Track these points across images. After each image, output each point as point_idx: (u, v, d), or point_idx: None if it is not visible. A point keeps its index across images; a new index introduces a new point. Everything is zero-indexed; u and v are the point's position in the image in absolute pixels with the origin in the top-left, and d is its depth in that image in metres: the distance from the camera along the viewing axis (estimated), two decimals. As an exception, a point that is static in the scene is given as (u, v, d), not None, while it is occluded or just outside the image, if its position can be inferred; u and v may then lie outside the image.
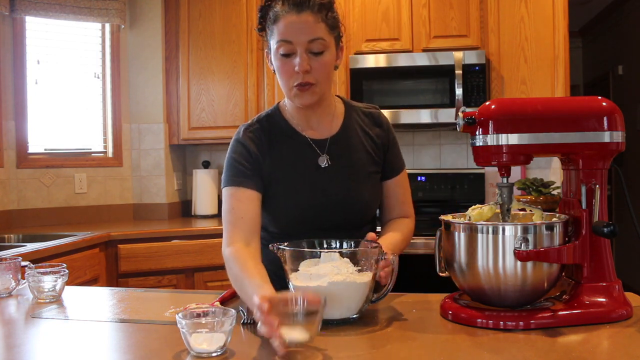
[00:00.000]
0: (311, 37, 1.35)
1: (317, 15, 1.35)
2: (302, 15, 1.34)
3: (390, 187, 1.57)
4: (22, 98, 3.28)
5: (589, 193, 1.19)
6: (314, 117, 1.50)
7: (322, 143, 1.49)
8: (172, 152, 3.73)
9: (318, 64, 1.37)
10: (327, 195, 1.46)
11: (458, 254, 1.19)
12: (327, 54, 1.38)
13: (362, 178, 1.50)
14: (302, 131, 1.50)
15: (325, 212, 1.46)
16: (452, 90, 3.23)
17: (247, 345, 1.09)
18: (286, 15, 1.35)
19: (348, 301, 1.16)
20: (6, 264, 1.48)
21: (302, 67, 1.35)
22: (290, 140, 1.49)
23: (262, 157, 1.46)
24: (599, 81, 6.49)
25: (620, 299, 1.18)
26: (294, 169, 1.47)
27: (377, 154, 1.53)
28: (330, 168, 1.47)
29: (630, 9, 5.54)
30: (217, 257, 3.04)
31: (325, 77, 1.40)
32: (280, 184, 1.46)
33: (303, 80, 1.36)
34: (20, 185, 3.28)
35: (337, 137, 1.51)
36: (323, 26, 1.36)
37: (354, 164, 1.50)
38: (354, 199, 1.48)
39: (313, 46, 1.35)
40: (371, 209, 1.54)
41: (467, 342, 1.06)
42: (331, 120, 1.52)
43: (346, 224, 1.48)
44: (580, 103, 1.23)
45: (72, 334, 1.18)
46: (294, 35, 1.35)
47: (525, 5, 3.29)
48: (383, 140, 1.55)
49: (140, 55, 3.63)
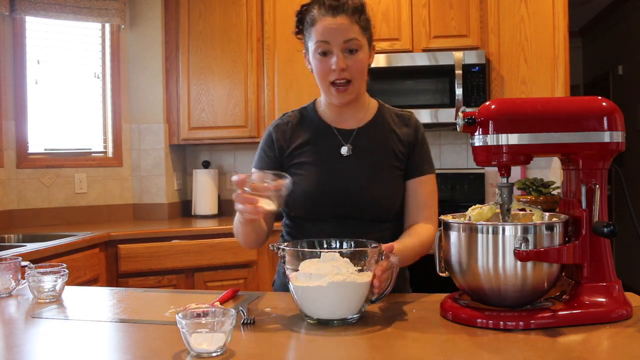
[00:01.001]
0: (346, 37, 1.46)
1: (351, 17, 1.47)
2: (337, 18, 1.47)
3: (412, 187, 1.57)
4: (22, 98, 3.28)
5: (589, 193, 1.19)
6: (346, 112, 1.59)
7: (348, 133, 1.58)
8: (172, 152, 3.73)
9: (353, 62, 1.48)
10: (345, 182, 1.52)
11: (458, 254, 1.19)
12: (361, 53, 1.49)
13: (382, 171, 1.54)
14: (330, 122, 1.60)
15: (343, 200, 1.51)
16: (452, 90, 3.23)
17: (247, 345, 1.09)
18: (323, 18, 1.48)
19: (348, 301, 1.16)
20: (6, 264, 1.48)
21: (339, 64, 1.46)
22: (316, 128, 1.60)
23: (286, 144, 1.59)
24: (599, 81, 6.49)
25: (620, 299, 1.18)
26: (317, 155, 1.56)
27: (401, 152, 1.57)
28: (352, 157, 1.55)
29: (630, 9, 5.54)
30: (217, 257, 3.05)
31: (359, 74, 1.50)
32: (302, 168, 1.55)
33: (339, 77, 1.48)
34: (20, 185, 3.29)
35: (363, 130, 1.58)
36: (357, 27, 1.48)
37: (375, 157, 1.55)
38: (370, 190, 1.51)
39: (348, 46, 1.47)
40: (390, 205, 1.55)
41: (467, 342, 1.06)
42: (362, 115, 1.60)
43: (363, 215, 1.52)
44: (580, 103, 1.23)
45: (72, 334, 1.18)
46: (330, 36, 1.46)
47: (525, 5, 3.29)
48: (409, 139, 1.59)
49: (140, 55, 3.63)
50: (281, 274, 1.68)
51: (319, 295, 1.15)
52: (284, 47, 3.51)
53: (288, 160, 1.57)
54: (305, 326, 1.17)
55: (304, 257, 1.19)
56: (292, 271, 1.19)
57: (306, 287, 1.16)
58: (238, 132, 3.56)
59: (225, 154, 3.95)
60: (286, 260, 1.20)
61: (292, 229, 1.61)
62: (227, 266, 3.08)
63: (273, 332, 1.15)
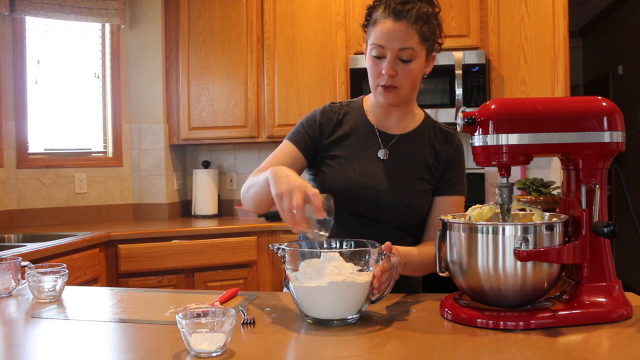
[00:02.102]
0: (402, 45, 1.44)
1: (412, 26, 1.44)
2: (398, 23, 1.44)
3: (440, 205, 1.57)
4: (22, 98, 3.28)
5: (589, 193, 1.19)
6: (392, 117, 1.59)
7: (389, 138, 1.58)
8: (172, 152, 3.73)
9: (404, 71, 1.47)
10: (372, 183, 1.52)
11: (458, 254, 1.19)
12: (414, 63, 1.47)
13: (412, 182, 1.54)
14: (375, 123, 1.60)
15: (368, 201, 1.52)
16: (452, 90, 3.23)
17: (247, 345, 1.09)
18: (384, 20, 1.45)
19: (348, 301, 1.16)
20: (6, 264, 1.48)
21: (388, 71, 1.45)
22: (360, 125, 1.59)
23: (327, 132, 1.59)
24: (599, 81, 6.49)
25: (620, 299, 1.18)
26: (353, 152, 1.56)
27: (436, 167, 1.57)
28: (386, 162, 1.55)
29: (630, 9, 5.54)
30: (217, 257, 3.05)
31: (409, 83, 1.49)
32: (337, 160, 1.56)
33: (387, 82, 1.47)
34: (20, 185, 3.29)
35: (404, 138, 1.58)
36: (416, 37, 1.45)
37: (408, 166, 1.55)
38: (395, 195, 1.52)
39: (402, 54, 1.45)
40: (411, 213, 1.54)
41: (467, 342, 1.06)
42: (406, 123, 1.60)
43: (384, 219, 1.52)
44: (580, 103, 1.23)
45: (72, 334, 1.18)
46: (386, 41, 1.45)
47: (525, 5, 3.29)
48: (447, 156, 1.58)
49: (140, 55, 3.63)
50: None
51: (319, 295, 1.15)
52: (284, 47, 3.51)
53: (324, 149, 1.58)
54: (305, 326, 1.17)
55: (304, 257, 1.19)
56: (292, 271, 1.19)
57: (306, 287, 1.16)
58: (238, 132, 3.56)
59: (225, 154, 3.95)
60: (286, 260, 1.20)
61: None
62: (227, 266, 3.08)
63: (273, 332, 1.15)
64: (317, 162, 1.59)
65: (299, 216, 1.18)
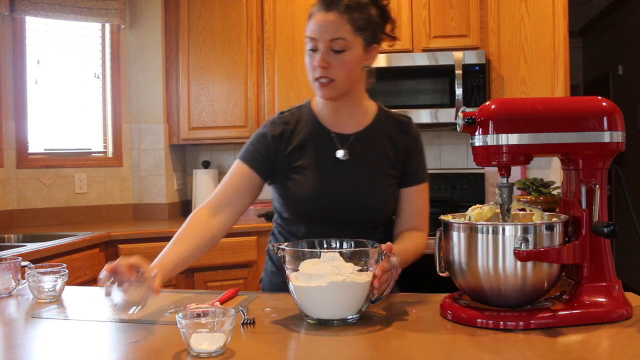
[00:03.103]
0: (332, 36, 1.42)
1: (343, 15, 1.42)
2: (328, 14, 1.43)
3: (407, 195, 1.57)
4: (22, 98, 3.28)
5: (589, 193, 1.19)
6: (342, 112, 1.56)
7: (345, 137, 1.55)
8: (172, 152, 3.73)
9: (337, 62, 1.44)
10: (340, 187, 1.50)
11: (458, 254, 1.19)
12: (348, 54, 1.44)
13: (377, 178, 1.53)
14: (328, 124, 1.56)
15: (338, 205, 1.50)
16: (452, 90, 3.23)
17: (247, 345, 1.09)
18: (317, 13, 1.45)
19: (348, 301, 1.16)
20: (6, 264, 1.48)
21: (320, 62, 1.43)
22: (314, 130, 1.56)
23: (281, 142, 1.54)
24: (599, 81, 6.49)
25: (620, 299, 1.18)
26: (313, 159, 1.53)
27: (397, 159, 1.56)
28: (348, 162, 1.53)
29: (630, 9, 5.54)
30: (217, 257, 3.05)
31: (344, 74, 1.46)
32: (299, 172, 1.52)
33: (321, 75, 1.45)
34: (20, 185, 3.29)
35: (361, 135, 1.55)
36: (348, 27, 1.43)
37: (371, 163, 1.53)
38: (366, 195, 1.51)
39: (334, 44, 1.43)
40: (384, 211, 1.55)
41: (467, 342, 1.06)
42: (359, 119, 1.57)
43: (357, 220, 1.51)
44: (580, 103, 1.23)
45: (72, 334, 1.18)
46: (318, 33, 1.44)
47: (525, 5, 3.29)
48: (406, 147, 1.57)
49: (140, 55, 3.63)
50: (269, 272, 1.67)
51: (319, 295, 1.15)
52: (284, 47, 3.51)
53: (283, 163, 1.54)
54: (305, 326, 1.17)
55: (304, 257, 1.19)
56: (292, 271, 1.19)
57: (306, 287, 1.16)
58: (238, 132, 3.56)
59: (225, 154, 3.95)
60: (286, 260, 1.20)
61: (283, 229, 1.60)
62: (227, 266, 3.08)
63: (273, 332, 1.15)
64: (279, 177, 1.55)
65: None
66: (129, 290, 1.15)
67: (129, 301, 1.16)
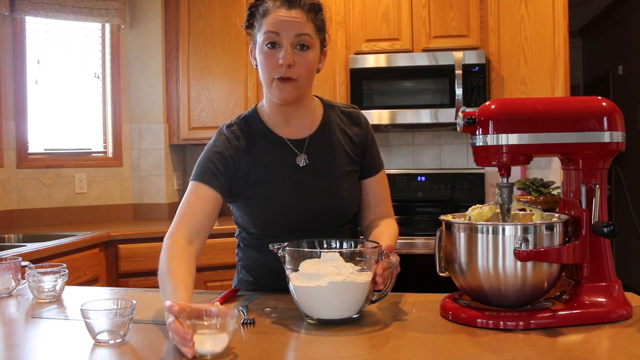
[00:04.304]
0: (299, 31, 1.38)
1: (307, 14, 1.40)
2: (292, 10, 1.39)
3: (369, 186, 1.57)
4: (22, 98, 3.28)
5: (589, 193, 1.19)
6: (293, 117, 1.51)
7: (301, 142, 1.50)
8: (172, 152, 3.73)
9: (302, 60, 1.39)
10: (306, 194, 1.47)
11: (458, 254, 1.19)
12: (311, 52, 1.41)
13: (340, 176, 1.50)
14: (280, 131, 1.51)
15: (305, 212, 1.47)
16: (452, 90, 3.23)
17: (247, 345, 1.09)
18: (277, 9, 1.39)
19: (348, 301, 1.16)
20: (6, 264, 1.48)
21: (286, 59, 1.37)
22: (268, 141, 1.50)
23: (238, 159, 1.46)
24: (599, 81, 6.49)
25: (620, 299, 1.18)
26: (272, 170, 1.47)
27: (355, 153, 1.54)
28: (309, 167, 1.49)
29: (630, 9, 5.54)
30: (217, 257, 3.05)
31: (306, 74, 1.42)
32: (259, 185, 1.47)
33: (285, 74, 1.39)
34: (20, 185, 3.29)
35: (315, 137, 1.51)
36: (311, 25, 1.41)
37: (332, 163, 1.50)
38: (333, 197, 1.49)
39: (300, 40, 1.39)
40: (350, 208, 1.54)
41: (467, 342, 1.06)
42: (310, 120, 1.53)
43: (326, 223, 1.49)
44: (580, 103, 1.23)
45: (72, 334, 1.18)
46: (282, 27, 1.38)
47: (525, 5, 3.29)
48: (361, 139, 1.55)
49: (140, 55, 3.63)
50: (239, 269, 1.63)
51: (319, 295, 1.15)
52: (284, 47, 3.50)
53: (241, 179, 1.46)
54: (305, 326, 1.17)
55: (304, 257, 1.19)
56: (292, 271, 1.19)
57: (306, 287, 1.16)
58: (238, 132, 3.56)
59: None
60: (286, 260, 1.20)
61: (249, 242, 1.56)
62: (227, 266, 3.08)
63: (273, 332, 1.15)
64: (238, 194, 1.48)
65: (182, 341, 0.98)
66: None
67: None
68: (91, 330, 1.08)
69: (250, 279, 1.60)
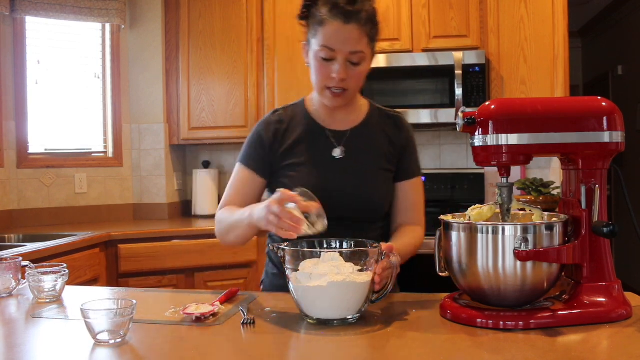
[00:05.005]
0: (353, 49, 1.42)
1: (362, 28, 1.41)
2: (348, 26, 1.40)
3: (402, 190, 1.58)
4: (22, 98, 3.28)
5: (589, 193, 1.19)
6: (339, 112, 1.57)
7: (341, 135, 1.55)
8: (172, 152, 3.73)
9: (354, 74, 1.45)
10: (337, 185, 1.50)
11: (458, 254, 1.19)
12: (363, 65, 1.46)
13: (373, 174, 1.54)
14: (323, 122, 1.57)
15: (335, 202, 1.48)
16: (452, 90, 3.23)
17: (247, 345, 1.09)
18: (333, 22, 1.40)
19: (348, 301, 1.17)
20: (6, 264, 1.48)
21: (339, 74, 1.42)
22: (309, 129, 1.56)
23: (277, 144, 1.55)
24: (599, 81, 6.49)
25: (620, 299, 1.19)
26: (308, 157, 1.53)
27: (392, 154, 1.57)
28: (344, 160, 1.53)
29: (630, 9, 5.54)
30: (217, 257, 3.05)
31: (356, 84, 1.49)
32: (294, 170, 1.52)
33: (338, 85, 1.44)
34: (21, 185, 3.29)
35: (356, 132, 1.56)
36: (366, 39, 1.43)
37: (367, 159, 1.54)
38: (363, 192, 1.51)
39: (353, 57, 1.43)
40: (380, 207, 1.55)
41: (467, 342, 1.07)
42: (354, 117, 1.58)
43: (354, 217, 1.51)
44: (580, 103, 1.23)
45: (72, 334, 1.18)
46: (337, 44, 1.41)
47: (525, 6, 3.29)
48: (401, 142, 1.58)
49: (140, 56, 3.63)
50: (270, 274, 1.68)
51: (319, 295, 1.15)
52: (284, 47, 3.51)
53: (279, 161, 1.55)
54: (305, 326, 1.18)
55: (304, 257, 1.19)
56: (292, 271, 1.19)
57: (306, 287, 1.16)
58: (238, 132, 3.56)
59: (225, 154, 3.95)
60: (286, 260, 1.20)
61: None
62: (227, 266, 3.08)
63: (273, 332, 1.15)
64: (274, 177, 1.56)
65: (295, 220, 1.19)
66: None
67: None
68: (91, 330, 1.08)
69: (275, 272, 1.65)
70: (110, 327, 1.08)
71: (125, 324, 1.09)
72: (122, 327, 1.09)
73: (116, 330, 1.08)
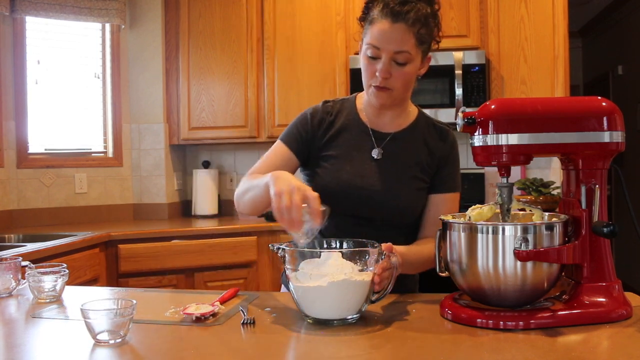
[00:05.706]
0: (398, 48, 1.42)
1: (410, 28, 1.42)
2: (395, 25, 1.41)
3: (434, 202, 1.56)
4: (22, 98, 3.28)
5: (589, 193, 1.19)
6: (386, 115, 1.58)
7: (382, 137, 1.57)
8: (172, 152, 3.73)
9: (398, 73, 1.45)
10: (367, 184, 1.51)
11: (458, 254, 1.19)
12: (409, 66, 1.46)
13: (406, 180, 1.53)
14: (368, 121, 1.58)
15: (363, 200, 1.51)
16: (452, 90, 3.23)
17: (247, 345, 1.09)
18: (381, 21, 1.42)
19: (348, 301, 1.16)
20: (6, 264, 1.48)
21: (382, 73, 1.44)
22: (354, 125, 1.58)
23: (320, 133, 1.57)
24: (599, 81, 6.49)
25: (620, 299, 1.18)
26: (347, 151, 1.55)
27: (430, 165, 1.56)
28: (381, 161, 1.54)
29: (630, 9, 5.54)
30: (217, 257, 3.05)
31: (402, 85, 1.48)
32: (330, 160, 1.54)
33: (381, 84, 1.46)
34: (21, 185, 3.29)
35: (398, 136, 1.57)
36: (412, 41, 1.43)
37: (403, 165, 1.54)
38: (391, 196, 1.51)
39: (397, 57, 1.43)
40: (407, 212, 1.54)
41: (467, 342, 1.07)
42: (400, 121, 1.59)
43: (380, 218, 1.51)
44: (580, 103, 1.23)
45: (72, 334, 1.18)
46: (382, 42, 1.42)
47: (525, 6, 3.29)
48: (442, 154, 1.57)
49: (140, 56, 3.63)
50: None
51: (319, 295, 1.15)
52: (284, 47, 3.51)
53: (317, 150, 1.56)
54: (305, 326, 1.17)
55: (304, 257, 1.19)
56: (292, 271, 1.19)
57: (306, 287, 1.16)
58: (238, 132, 3.56)
59: (225, 154, 3.95)
60: (286, 260, 1.20)
61: None
62: (227, 266, 3.08)
63: (273, 332, 1.15)
64: (311, 163, 1.58)
65: (296, 216, 1.18)
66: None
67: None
68: (91, 330, 1.08)
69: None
70: (110, 327, 1.08)
71: (125, 324, 1.09)
72: (122, 327, 1.09)
73: (116, 330, 1.08)
